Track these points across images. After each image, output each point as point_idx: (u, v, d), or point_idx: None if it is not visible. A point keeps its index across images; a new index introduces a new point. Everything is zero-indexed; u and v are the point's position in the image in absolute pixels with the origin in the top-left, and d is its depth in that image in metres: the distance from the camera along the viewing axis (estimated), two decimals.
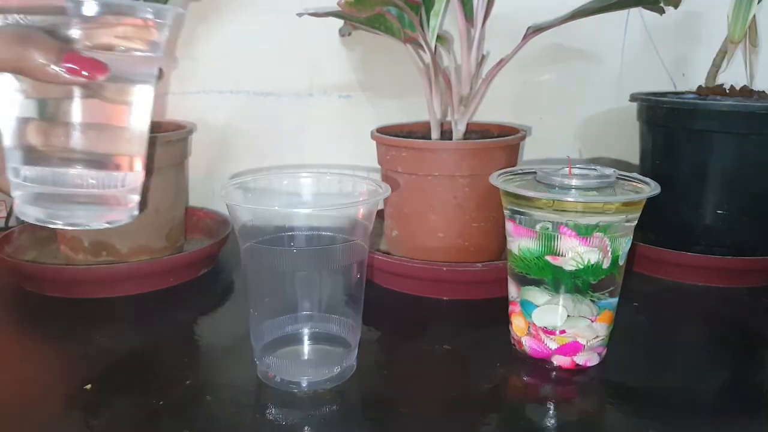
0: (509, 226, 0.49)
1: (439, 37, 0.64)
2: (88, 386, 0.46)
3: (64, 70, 0.34)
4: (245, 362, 0.48)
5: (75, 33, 0.36)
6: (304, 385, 0.45)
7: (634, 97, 0.72)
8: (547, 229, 0.46)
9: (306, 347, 0.45)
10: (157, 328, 0.57)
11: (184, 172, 0.75)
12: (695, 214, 0.67)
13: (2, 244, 0.69)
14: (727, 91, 0.70)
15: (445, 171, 0.62)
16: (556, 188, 0.47)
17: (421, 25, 0.60)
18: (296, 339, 0.46)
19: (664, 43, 0.80)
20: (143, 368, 0.49)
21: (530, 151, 0.83)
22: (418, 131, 0.72)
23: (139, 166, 0.42)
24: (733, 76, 0.71)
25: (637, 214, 0.47)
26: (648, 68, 0.81)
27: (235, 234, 0.47)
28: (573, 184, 0.46)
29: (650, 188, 0.47)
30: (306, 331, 0.45)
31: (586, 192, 0.46)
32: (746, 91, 0.69)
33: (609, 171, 0.48)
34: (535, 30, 0.60)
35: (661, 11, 0.61)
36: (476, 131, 0.71)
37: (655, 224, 0.69)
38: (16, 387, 0.47)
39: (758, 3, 0.63)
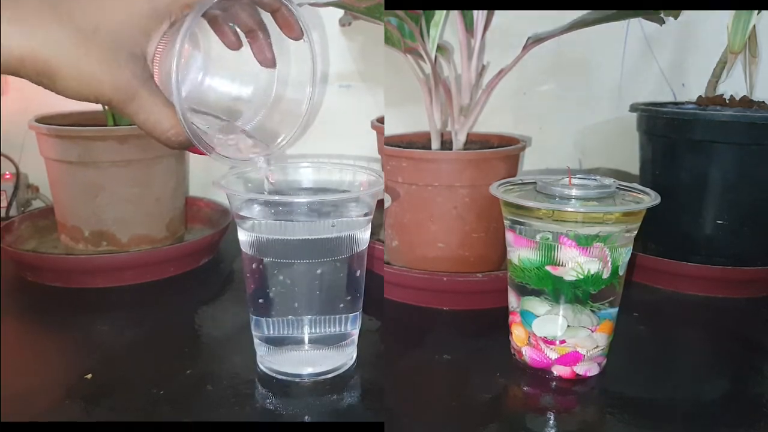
0: (509, 236, 0.49)
1: (439, 48, 0.64)
2: (89, 375, 0.46)
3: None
4: (245, 352, 0.48)
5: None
6: (303, 377, 0.45)
7: (633, 108, 0.73)
8: (547, 239, 0.46)
9: (306, 338, 0.45)
10: (158, 318, 0.57)
11: (185, 161, 0.75)
12: (695, 225, 0.67)
13: (3, 233, 0.69)
14: (727, 102, 0.70)
15: (445, 181, 0.62)
16: (556, 198, 0.47)
17: (422, 36, 0.60)
18: (296, 329, 0.46)
19: (663, 53, 0.80)
20: (143, 357, 0.49)
21: (530, 162, 0.83)
22: (418, 141, 0.72)
23: None
24: (733, 86, 0.72)
25: (637, 225, 0.47)
26: (648, 78, 0.81)
27: (236, 224, 0.47)
28: (573, 194, 0.46)
29: (650, 198, 0.47)
30: (306, 320, 0.45)
31: (586, 202, 0.46)
32: (746, 102, 0.70)
33: (609, 181, 0.48)
34: (535, 40, 0.61)
35: (661, 21, 0.61)
36: (476, 141, 0.71)
37: (655, 234, 0.69)
38: (17, 376, 0.47)
39: (758, 13, 0.64)
